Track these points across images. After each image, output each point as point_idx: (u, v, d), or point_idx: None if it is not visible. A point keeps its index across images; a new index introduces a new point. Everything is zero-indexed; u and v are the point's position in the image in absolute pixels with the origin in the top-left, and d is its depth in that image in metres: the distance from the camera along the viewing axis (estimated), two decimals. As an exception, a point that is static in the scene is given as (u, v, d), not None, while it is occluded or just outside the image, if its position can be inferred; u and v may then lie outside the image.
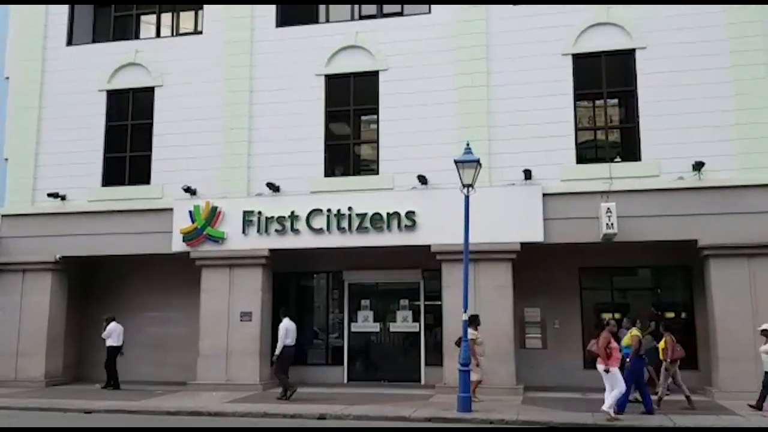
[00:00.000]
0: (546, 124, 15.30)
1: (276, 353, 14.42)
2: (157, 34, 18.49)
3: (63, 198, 17.47)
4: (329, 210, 15.89)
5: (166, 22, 18.54)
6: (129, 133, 17.79)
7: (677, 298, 16.61)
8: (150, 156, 17.40)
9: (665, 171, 14.72)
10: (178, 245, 16.55)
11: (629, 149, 15.36)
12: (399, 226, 15.55)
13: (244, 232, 16.25)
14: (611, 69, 15.64)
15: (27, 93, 18.21)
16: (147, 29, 18.70)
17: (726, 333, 14.04)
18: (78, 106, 17.88)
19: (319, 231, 15.91)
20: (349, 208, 15.81)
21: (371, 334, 17.53)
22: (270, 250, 16.18)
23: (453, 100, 15.84)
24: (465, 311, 12.93)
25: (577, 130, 15.50)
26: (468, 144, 13.47)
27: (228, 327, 16.15)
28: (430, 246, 15.39)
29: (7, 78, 18.73)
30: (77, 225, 17.24)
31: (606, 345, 11.58)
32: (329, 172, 16.60)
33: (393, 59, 16.40)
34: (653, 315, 15.61)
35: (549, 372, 16.07)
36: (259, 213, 16.22)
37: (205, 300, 16.43)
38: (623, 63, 15.54)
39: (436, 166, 15.35)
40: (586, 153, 15.73)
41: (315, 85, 16.74)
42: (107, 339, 16.54)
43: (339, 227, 15.82)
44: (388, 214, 15.61)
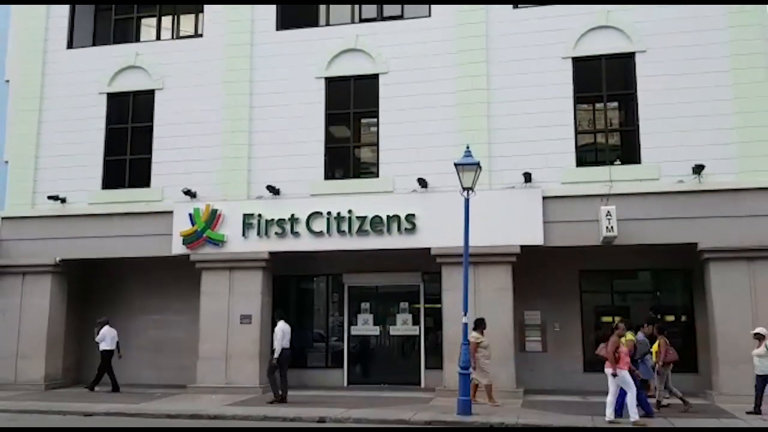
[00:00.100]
0: (546, 127, 15.33)
1: (275, 356, 14.40)
2: (158, 37, 18.51)
3: (63, 201, 17.46)
4: (329, 213, 15.89)
5: (166, 25, 18.56)
6: (129, 136, 17.80)
7: (677, 301, 16.58)
8: (150, 159, 17.42)
9: (665, 174, 14.74)
10: (178, 248, 16.54)
11: (629, 152, 15.37)
12: (399, 228, 15.55)
13: (244, 234, 16.25)
14: (611, 72, 15.66)
15: (27, 96, 18.22)
16: (147, 32, 18.73)
17: (726, 336, 14.04)
18: (78, 108, 17.90)
19: (319, 234, 15.90)
20: (349, 210, 15.82)
21: (371, 337, 17.49)
22: (270, 252, 16.17)
23: (453, 103, 15.87)
24: (465, 314, 12.92)
25: (577, 133, 15.52)
26: (468, 147, 13.49)
27: (228, 330, 16.14)
28: (430, 249, 15.39)
29: (8, 81, 18.76)
30: (77, 228, 17.23)
31: (615, 349, 11.60)
32: (329, 174, 16.62)
33: (393, 62, 16.43)
34: (650, 318, 15.57)
35: (549, 375, 16.06)
36: (259, 216, 16.22)
37: (205, 303, 16.41)
38: (623, 66, 15.57)
39: (436, 169, 15.37)
40: (586, 156, 15.75)
41: (315, 88, 16.76)
42: (101, 343, 16.54)
43: (339, 230, 15.81)
44: (388, 216, 15.61)
